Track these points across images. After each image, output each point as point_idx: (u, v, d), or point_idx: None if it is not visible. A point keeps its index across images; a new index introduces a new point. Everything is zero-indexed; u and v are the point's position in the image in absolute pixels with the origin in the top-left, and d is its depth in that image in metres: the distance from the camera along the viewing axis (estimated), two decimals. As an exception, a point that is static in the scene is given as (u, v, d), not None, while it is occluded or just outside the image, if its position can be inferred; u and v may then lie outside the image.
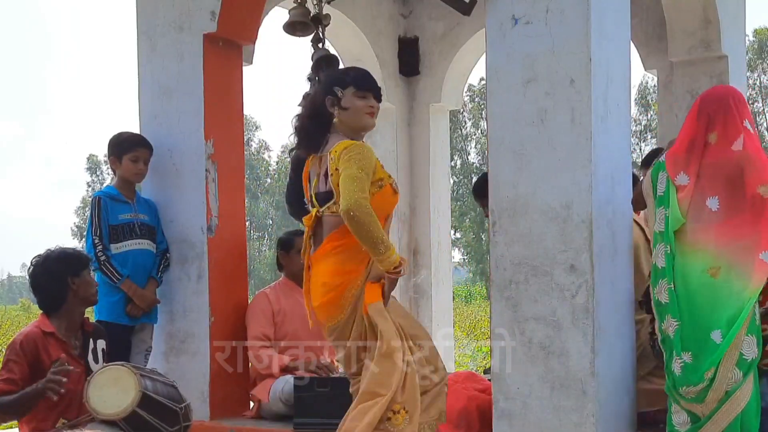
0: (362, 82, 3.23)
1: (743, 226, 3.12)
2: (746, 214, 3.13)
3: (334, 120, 3.25)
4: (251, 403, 4.47)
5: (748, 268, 3.08)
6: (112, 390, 3.22)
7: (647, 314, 3.62)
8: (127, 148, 4.35)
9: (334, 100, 3.23)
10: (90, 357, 3.66)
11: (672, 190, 3.23)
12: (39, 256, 3.72)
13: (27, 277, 3.83)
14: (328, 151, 3.19)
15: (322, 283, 3.17)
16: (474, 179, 38.41)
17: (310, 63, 4.79)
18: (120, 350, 4.04)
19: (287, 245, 4.63)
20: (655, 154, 4.73)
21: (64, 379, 3.28)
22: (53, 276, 3.63)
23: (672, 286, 3.18)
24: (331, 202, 3.16)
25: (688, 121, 3.31)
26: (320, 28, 4.73)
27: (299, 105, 4.71)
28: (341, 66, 4.97)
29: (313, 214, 3.25)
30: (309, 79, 4.73)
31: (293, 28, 4.72)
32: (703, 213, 3.18)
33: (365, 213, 2.94)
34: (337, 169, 3.09)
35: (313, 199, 3.28)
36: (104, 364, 3.55)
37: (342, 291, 3.12)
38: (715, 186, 3.19)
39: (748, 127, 3.23)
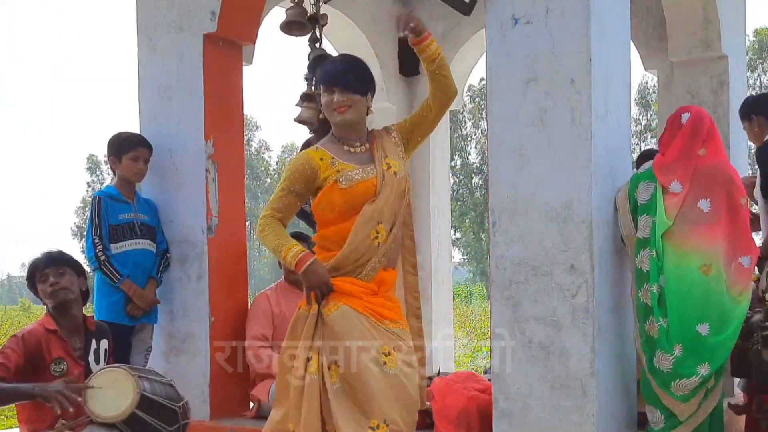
0: (324, 79, 3.07)
1: (727, 230, 3.38)
2: (731, 218, 3.39)
3: None
4: (251, 403, 4.47)
5: (728, 269, 3.33)
6: (110, 393, 3.21)
7: None
8: (126, 148, 4.35)
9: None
10: (91, 357, 3.65)
11: (659, 197, 3.40)
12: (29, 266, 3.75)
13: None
14: None
15: None
16: (474, 179, 38.52)
17: (307, 62, 4.78)
18: (120, 350, 4.04)
19: None
20: (646, 155, 4.77)
21: (79, 399, 3.19)
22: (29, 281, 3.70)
23: (655, 288, 3.34)
24: None
25: (679, 137, 3.51)
26: (317, 28, 4.72)
27: (297, 105, 4.72)
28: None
29: None
30: (306, 78, 4.73)
31: (290, 27, 4.72)
32: (694, 214, 3.38)
33: (260, 229, 3.02)
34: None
35: None
36: (103, 365, 3.55)
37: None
38: (708, 189, 3.40)
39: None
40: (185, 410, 3.40)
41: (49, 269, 3.58)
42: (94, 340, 3.69)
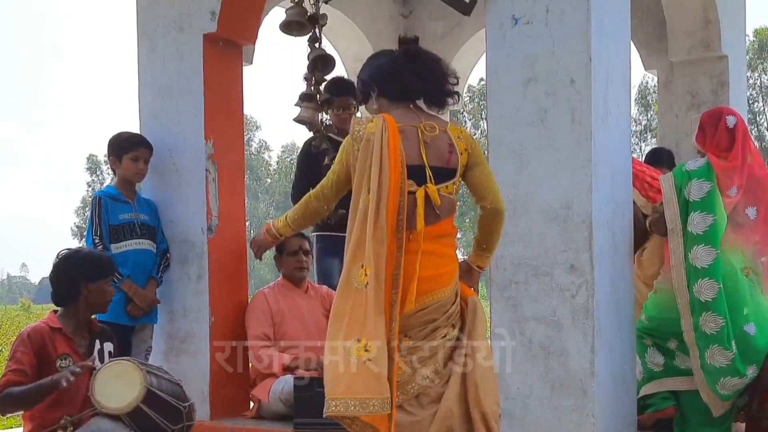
0: None
1: (761, 234, 3.55)
2: (766, 223, 3.56)
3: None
4: (251, 403, 4.47)
5: (758, 270, 3.50)
6: (117, 384, 3.22)
7: None
8: (127, 148, 4.35)
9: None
10: (95, 357, 3.65)
11: (718, 198, 3.49)
12: (67, 250, 3.70)
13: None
14: (431, 124, 2.94)
15: (443, 254, 2.95)
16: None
17: (307, 62, 4.78)
18: (120, 350, 4.04)
19: (279, 247, 4.64)
20: (656, 153, 4.77)
21: (78, 369, 3.28)
22: (68, 276, 3.60)
23: (720, 285, 3.41)
24: (451, 181, 2.92)
25: (738, 143, 3.59)
26: (317, 28, 4.72)
27: (296, 105, 4.72)
28: (336, 65, 4.96)
29: (423, 188, 2.89)
30: (305, 78, 4.73)
31: (290, 27, 4.72)
32: (741, 219, 3.53)
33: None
34: (467, 150, 2.92)
35: (428, 170, 2.93)
36: (108, 359, 3.55)
37: (454, 268, 2.96)
38: (756, 198, 3.56)
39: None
40: (191, 411, 3.40)
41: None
42: (98, 341, 3.69)
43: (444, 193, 2.92)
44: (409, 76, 2.98)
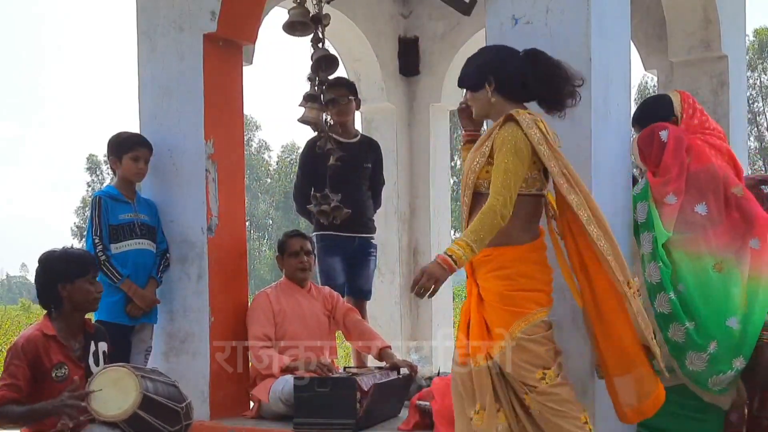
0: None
1: (728, 225, 3.51)
2: (728, 212, 3.53)
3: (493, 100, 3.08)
4: (251, 403, 4.47)
5: (741, 260, 3.45)
6: (112, 392, 3.21)
7: None
8: (127, 148, 4.35)
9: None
10: (91, 359, 3.64)
11: (654, 212, 3.52)
12: (42, 254, 3.66)
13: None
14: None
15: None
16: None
17: (310, 63, 4.79)
18: (120, 350, 4.04)
19: (282, 247, 4.64)
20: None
21: (83, 404, 3.22)
22: (44, 280, 3.58)
23: (672, 295, 3.40)
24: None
25: (666, 156, 3.60)
26: (320, 28, 4.72)
27: (300, 105, 4.72)
28: (340, 66, 4.97)
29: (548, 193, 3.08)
30: (309, 79, 4.73)
31: (293, 28, 4.72)
32: (695, 219, 3.50)
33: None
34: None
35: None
36: (102, 366, 3.54)
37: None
38: (701, 194, 3.53)
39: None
40: (188, 411, 3.40)
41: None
42: (92, 342, 3.68)
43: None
44: (533, 80, 3.03)
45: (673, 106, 3.83)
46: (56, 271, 3.57)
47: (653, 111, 3.81)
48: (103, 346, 3.72)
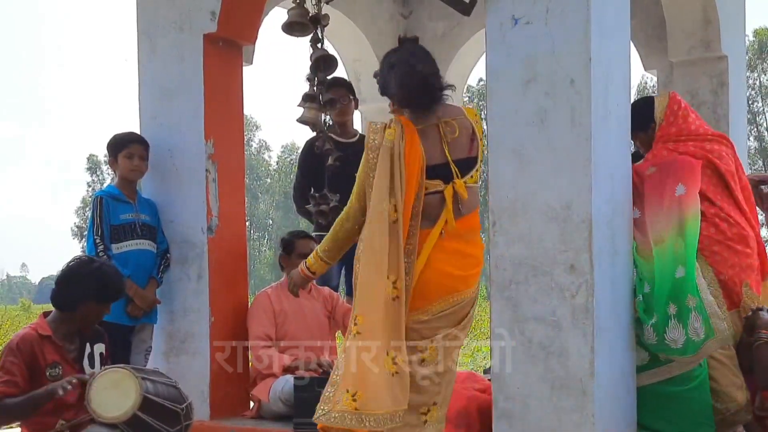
0: None
1: (651, 201, 3.70)
2: (662, 208, 3.67)
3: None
4: (251, 403, 4.47)
5: (672, 216, 3.61)
6: (112, 393, 3.21)
7: None
8: (121, 146, 4.37)
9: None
10: (86, 361, 3.64)
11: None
12: (77, 260, 3.67)
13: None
14: (450, 117, 3.13)
15: (471, 254, 3.17)
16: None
17: (309, 63, 4.79)
18: (120, 350, 4.04)
19: (289, 248, 4.63)
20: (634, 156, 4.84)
21: (75, 380, 3.29)
22: (67, 289, 3.58)
23: (640, 298, 3.58)
24: (474, 169, 3.12)
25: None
26: (319, 29, 4.73)
27: (299, 105, 4.72)
28: (339, 66, 4.98)
29: (451, 186, 3.09)
30: (308, 79, 4.73)
31: (292, 28, 4.72)
32: (636, 224, 3.68)
33: None
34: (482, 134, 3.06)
35: (453, 167, 3.12)
36: (103, 367, 3.54)
37: (480, 269, 3.16)
38: (637, 201, 3.72)
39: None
40: (188, 411, 3.40)
41: None
42: (88, 344, 3.68)
43: (470, 184, 3.08)
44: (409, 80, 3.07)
45: (654, 113, 3.87)
46: (85, 287, 3.56)
47: (633, 118, 3.82)
48: (99, 347, 3.72)
